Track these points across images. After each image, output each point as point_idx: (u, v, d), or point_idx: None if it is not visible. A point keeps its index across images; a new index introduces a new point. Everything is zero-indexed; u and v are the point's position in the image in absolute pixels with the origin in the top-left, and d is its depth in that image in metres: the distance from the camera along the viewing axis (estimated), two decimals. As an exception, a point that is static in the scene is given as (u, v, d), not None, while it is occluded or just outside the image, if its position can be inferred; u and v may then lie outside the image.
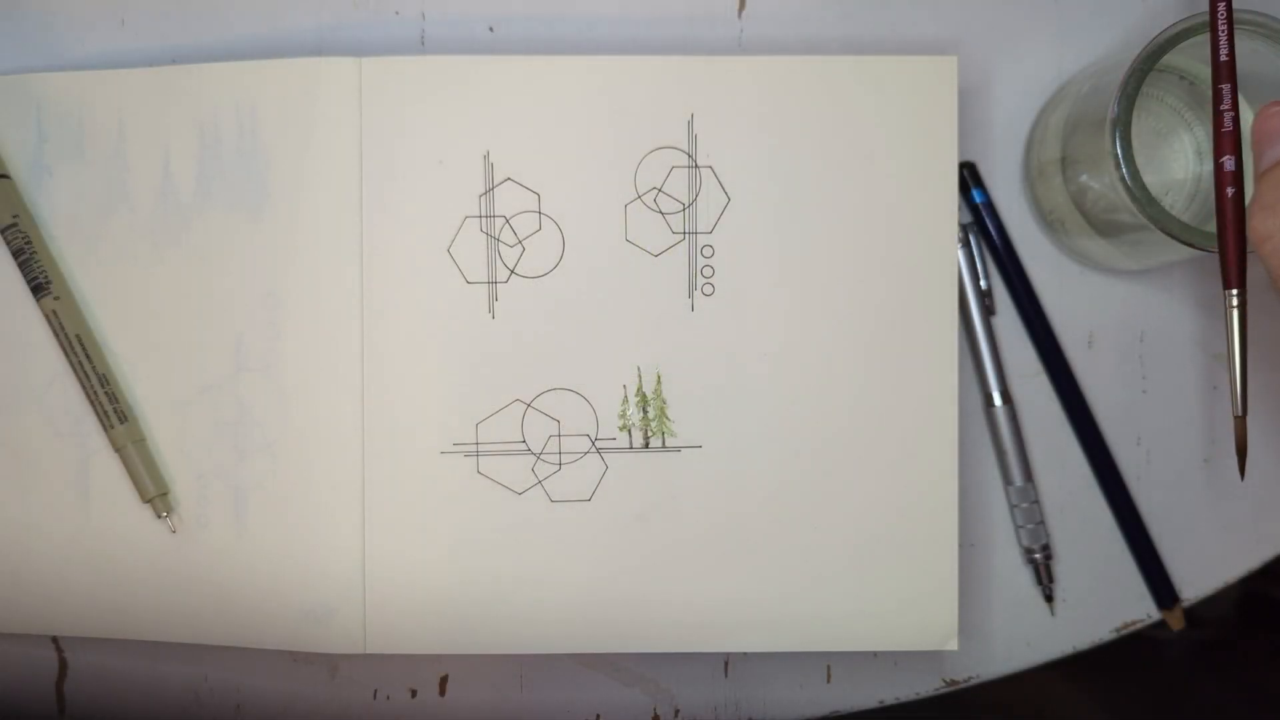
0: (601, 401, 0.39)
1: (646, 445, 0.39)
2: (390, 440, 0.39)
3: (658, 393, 0.39)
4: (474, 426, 0.39)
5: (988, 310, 0.42)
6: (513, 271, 0.39)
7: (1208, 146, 0.38)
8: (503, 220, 0.39)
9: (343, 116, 0.39)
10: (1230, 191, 0.34)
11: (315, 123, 0.39)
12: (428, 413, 0.39)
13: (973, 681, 0.43)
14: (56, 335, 0.39)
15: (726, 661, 0.43)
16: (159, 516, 0.39)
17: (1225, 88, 0.34)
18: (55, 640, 0.43)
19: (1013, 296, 0.42)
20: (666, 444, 0.39)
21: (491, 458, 0.39)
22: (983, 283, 0.42)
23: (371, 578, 0.39)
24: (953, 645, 0.40)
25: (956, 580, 0.39)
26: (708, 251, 0.39)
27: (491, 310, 0.39)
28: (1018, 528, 0.42)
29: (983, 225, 0.42)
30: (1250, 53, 0.35)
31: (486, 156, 0.39)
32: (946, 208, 0.39)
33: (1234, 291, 0.34)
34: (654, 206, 0.39)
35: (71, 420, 0.40)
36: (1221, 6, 0.34)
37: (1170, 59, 0.35)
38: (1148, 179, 0.34)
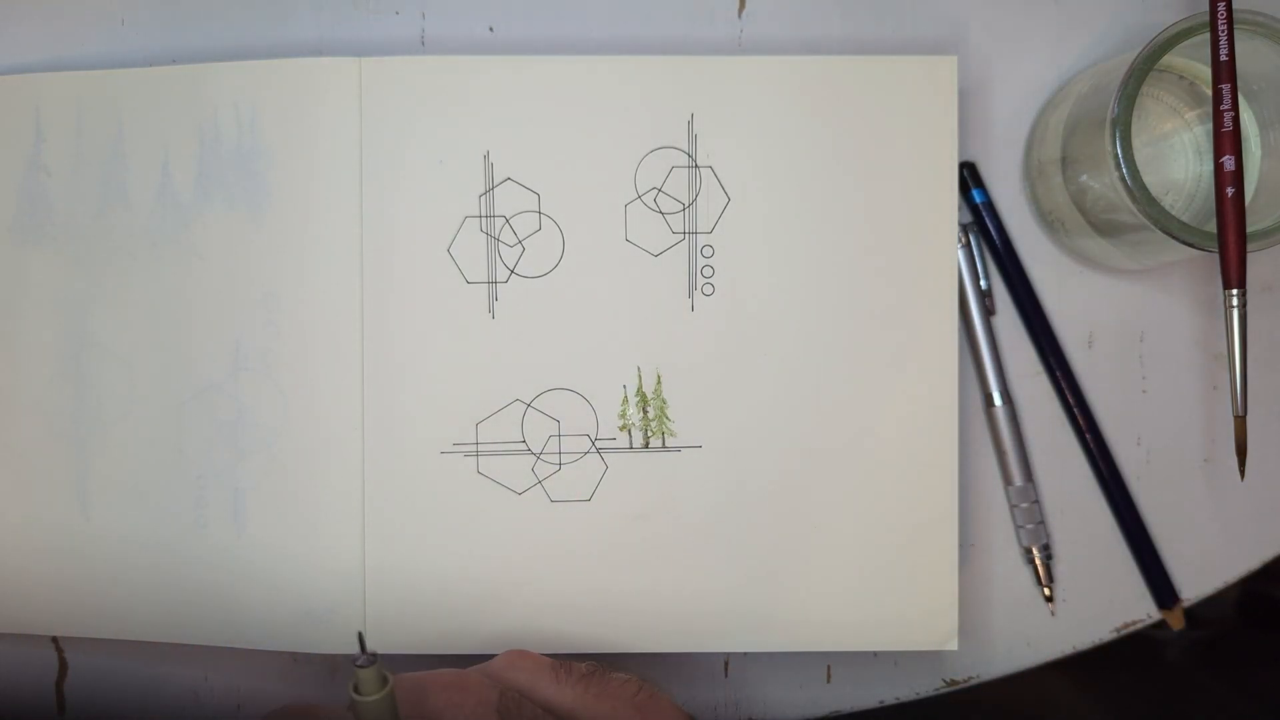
0: (601, 401, 0.39)
1: (646, 445, 0.39)
2: (390, 440, 0.39)
3: (658, 393, 0.39)
4: (474, 426, 0.39)
5: (988, 310, 0.42)
6: (513, 271, 0.39)
7: (1208, 146, 0.38)
8: (503, 220, 0.39)
9: (343, 116, 0.39)
10: (1230, 191, 0.34)
11: (315, 123, 0.39)
12: (428, 413, 0.39)
13: (973, 681, 0.43)
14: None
15: (726, 661, 0.43)
16: None
17: (1225, 88, 0.34)
18: (55, 640, 0.43)
19: (1013, 296, 0.42)
20: (666, 444, 0.39)
21: (491, 458, 0.39)
22: (983, 283, 0.42)
23: (371, 578, 0.39)
24: (953, 645, 0.40)
25: (956, 580, 0.39)
26: (708, 251, 0.39)
27: (491, 310, 0.39)
28: (1018, 528, 0.42)
29: (983, 225, 0.42)
30: (1250, 53, 0.35)
31: (486, 156, 0.39)
32: (946, 208, 0.39)
33: (1234, 291, 0.34)
34: (654, 206, 0.39)
35: (71, 420, 0.40)
36: (1221, 6, 0.34)
37: (1170, 59, 0.35)
38: (1148, 179, 0.34)
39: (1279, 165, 0.37)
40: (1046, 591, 0.42)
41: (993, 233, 0.42)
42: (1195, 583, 0.43)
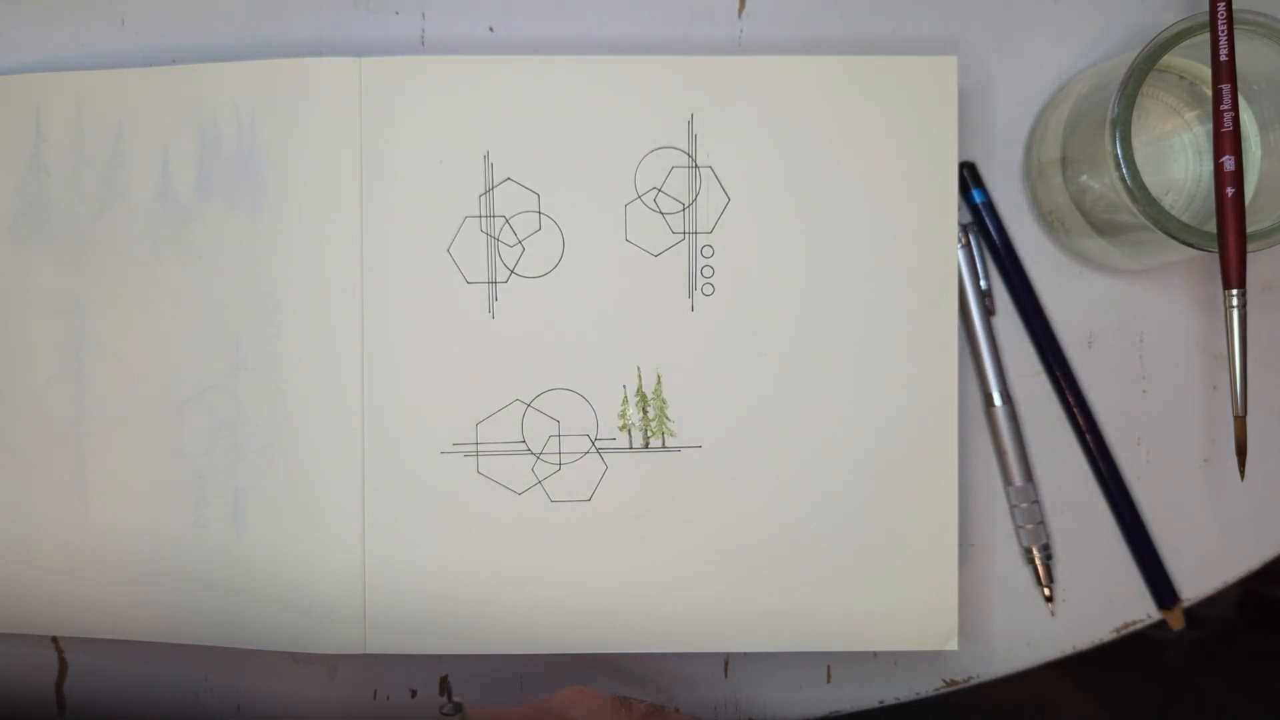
0: (601, 401, 0.39)
1: (646, 445, 0.39)
2: (390, 440, 0.39)
3: (658, 393, 0.39)
4: (474, 426, 0.39)
5: (988, 310, 0.42)
6: (513, 271, 0.39)
7: (1208, 146, 0.38)
8: (503, 220, 0.39)
9: (343, 116, 0.39)
10: (1230, 191, 0.34)
11: (315, 123, 0.39)
12: (428, 413, 0.39)
13: (973, 681, 0.43)
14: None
15: (726, 661, 0.43)
16: None
17: (1225, 88, 0.34)
18: (55, 640, 0.43)
19: (1013, 296, 0.42)
20: (666, 444, 0.39)
21: (491, 458, 0.39)
22: (983, 283, 0.42)
23: (371, 578, 0.39)
24: (953, 645, 0.40)
25: (956, 580, 0.39)
26: (708, 251, 0.39)
27: (491, 310, 0.39)
28: (1018, 528, 0.42)
29: (983, 225, 0.42)
30: (1250, 53, 0.35)
31: (486, 156, 0.39)
32: (946, 208, 0.39)
33: (1234, 291, 0.34)
34: (654, 206, 0.39)
35: (71, 420, 0.40)
36: (1221, 6, 0.34)
37: (1170, 59, 0.35)
38: (1148, 179, 0.34)
39: (1279, 165, 0.37)
40: (1046, 591, 0.42)
41: (993, 233, 0.42)
42: (1195, 583, 0.43)
